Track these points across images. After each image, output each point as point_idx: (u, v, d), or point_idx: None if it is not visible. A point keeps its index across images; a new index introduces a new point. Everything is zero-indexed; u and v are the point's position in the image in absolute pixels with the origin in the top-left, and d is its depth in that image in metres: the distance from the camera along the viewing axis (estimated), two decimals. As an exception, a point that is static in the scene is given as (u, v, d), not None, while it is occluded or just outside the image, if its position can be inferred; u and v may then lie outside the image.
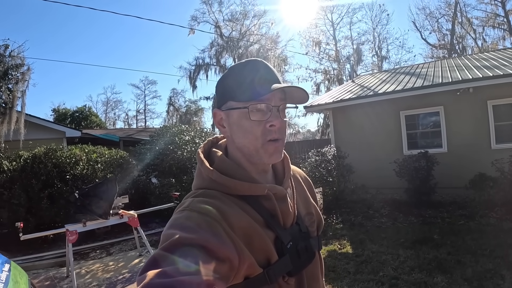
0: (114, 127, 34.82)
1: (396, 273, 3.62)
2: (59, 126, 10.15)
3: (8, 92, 6.51)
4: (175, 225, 0.64)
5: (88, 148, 7.17)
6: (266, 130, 0.72)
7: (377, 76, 10.60)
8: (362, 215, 6.26)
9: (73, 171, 6.35)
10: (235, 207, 0.70)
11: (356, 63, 21.97)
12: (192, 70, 21.47)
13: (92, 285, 4.16)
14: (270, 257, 0.70)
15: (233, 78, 0.75)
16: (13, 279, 1.78)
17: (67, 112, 26.55)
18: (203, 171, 0.76)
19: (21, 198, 5.84)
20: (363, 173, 7.57)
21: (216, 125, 0.80)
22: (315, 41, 23.40)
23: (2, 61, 6.27)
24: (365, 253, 4.34)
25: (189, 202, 0.70)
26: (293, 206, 0.80)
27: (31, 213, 5.89)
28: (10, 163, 6.23)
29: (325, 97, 9.76)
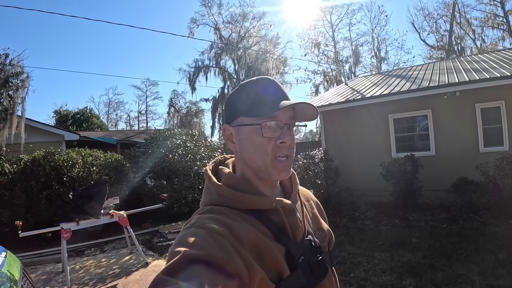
0: (116, 128, 35.18)
1: (366, 275, 3.76)
2: (58, 129, 10.44)
3: (9, 99, 6.80)
4: (182, 242, 0.63)
5: (85, 151, 7.40)
6: (277, 146, 0.73)
7: (370, 79, 10.71)
8: (347, 217, 6.40)
9: (70, 173, 6.60)
10: (243, 222, 0.70)
11: (354, 65, 22.04)
12: (192, 72, 21.62)
13: (85, 279, 4.44)
14: (282, 271, 0.69)
15: (245, 94, 0.77)
16: (7, 263, 2.03)
17: (69, 114, 26.76)
18: (211, 187, 0.77)
19: (21, 198, 6.12)
20: (352, 176, 7.71)
21: (226, 141, 0.80)
22: (314, 42, 23.47)
23: (3, 69, 6.57)
24: (341, 255, 4.48)
25: (196, 219, 0.70)
26: (303, 220, 0.80)
27: (31, 212, 6.16)
28: (11, 166, 6.51)
29: (317, 100, 9.91)
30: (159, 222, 7.09)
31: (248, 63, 20.50)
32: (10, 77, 6.66)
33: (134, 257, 5.26)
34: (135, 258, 5.21)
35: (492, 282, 3.26)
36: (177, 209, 6.92)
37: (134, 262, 5.05)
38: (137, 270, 4.68)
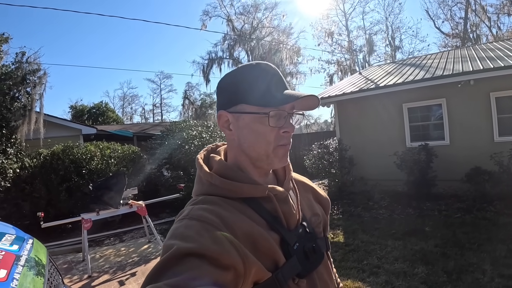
0: (131, 121, 35.49)
1: (379, 262, 3.81)
2: (76, 124, 10.71)
3: (27, 96, 7.02)
4: (175, 235, 0.63)
5: (102, 144, 7.58)
6: (279, 135, 0.73)
7: (384, 68, 10.53)
8: (362, 206, 6.44)
9: (89, 166, 6.79)
10: (236, 212, 0.69)
11: (368, 54, 21.59)
12: (205, 64, 21.65)
13: (105, 267, 4.64)
14: (278, 260, 0.69)
15: (244, 80, 0.73)
16: (35, 249, 2.16)
17: (84, 108, 27.08)
18: (202, 176, 0.76)
19: (42, 191, 6.36)
20: (366, 165, 7.69)
21: (221, 128, 0.77)
22: (327, 32, 23.07)
23: (20, 67, 6.80)
24: (355, 243, 4.56)
25: (189, 210, 0.69)
26: (297, 207, 0.79)
27: (51, 205, 6.39)
28: (31, 160, 6.76)
29: (331, 89, 9.84)
30: (176, 212, 7.18)
31: (261, 54, 20.38)
32: (27, 74, 6.89)
33: (152, 245, 5.44)
34: (154, 246, 5.38)
35: (504, 272, 3.25)
36: None
37: (153, 250, 5.22)
38: (156, 258, 4.84)
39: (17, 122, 6.71)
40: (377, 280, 3.42)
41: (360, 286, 3.36)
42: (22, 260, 1.89)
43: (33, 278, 1.77)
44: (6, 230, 2.31)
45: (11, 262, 1.80)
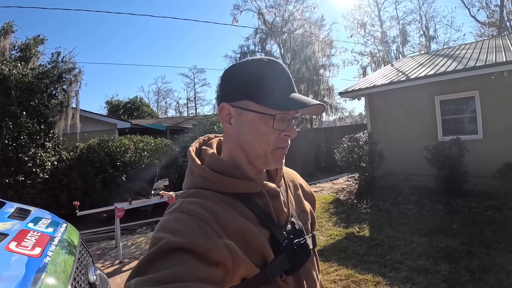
0: (166, 115, 36.34)
1: (402, 258, 3.74)
2: (111, 118, 11.23)
3: (64, 93, 7.51)
4: (164, 228, 0.62)
5: (136, 138, 7.91)
6: (280, 138, 0.72)
7: (416, 59, 10.07)
8: (391, 201, 6.30)
9: (123, 158, 7.14)
10: (227, 207, 0.68)
11: (402, 45, 20.75)
12: (238, 58, 21.75)
13: (136, 254, 4.93)
14: (267, 256, 0.69)
15: (254, 76, 0.71)
16: (68, 231, 2.36)
17: (120, 103, 27.76)
18: (194, 169, 0.74)
19: (78, 182, 6.83)
20: (396, 159, 7.45)
21: (221, 120, 0.75)
22: (360, 23, 22.38)
23: (56, 66, 7.30)
24: (380, 237, 4.50)
25: (180, 203, 0.68)
26: (287, 203, 0.79)
27: (87, 195, 6.82)
28: (68, 153, 7.26)
29: (362, 82, 9.60)
30: None
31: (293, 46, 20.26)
32: (63, 73, 7.38)
33: None
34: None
35: (530, 274, 3.07)
36: None
37: None
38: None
39: (55, 118, 7.19)
40: (397, 276, 3.36)
41: (380, 281, 3.32)
42: (56, 240, 2.09)
43: (64, 256, 1.95)
44: (43, 215, 2.55)
45: (45, 241, 1.99)
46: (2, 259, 1.64)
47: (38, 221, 2.30)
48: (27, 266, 1.64)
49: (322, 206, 6.70)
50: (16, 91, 6.40)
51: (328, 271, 3.73)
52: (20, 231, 2.00)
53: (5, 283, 1.47)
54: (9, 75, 6.39)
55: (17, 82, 6.47)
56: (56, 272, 1.73)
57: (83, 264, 2.17)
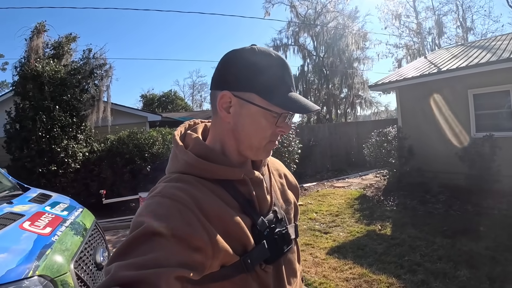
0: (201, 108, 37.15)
1: (421, 260, 3.56)
2: (142, 112, 11.71)
3: (95, 87, 7.96)
4: (146, 212, 0.62)
5: (165, 130, 8.15)
6: (275, 133, 0.73)
7: (451, 51, 9.45)
8: (418, 199, 6.03)
9: (151, 150, 7.36)
10: (209, 193, 0.68)
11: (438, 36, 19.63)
12: None
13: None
14: (247, 244, 0.68)
15: (261, 69, 0.69)
16: (82, 215, 2.51)
17: (154, 97, 28.36)
18: (178, 154, 0.74)
19: (108, 172, 7.17)
20: (425, 155, 7.09)
21: (218, 107, 0.72)
22: (394, 14, 21.44)
23: (88, 63, 7.76)
24: (401, 237, 4.32)
25: (162, 188, 0.68)
26: (270, 192, 0.79)
27: (116, 185, 7.15)
28: (99, 145, 7.64)
29: (393, 75, 9.23)
30: None
31: (326, 39, 19.78)
32: (94, 68, 7.83)
33: None
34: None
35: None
36: None
37: None
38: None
39: (87, 111, 7.64)
40: (413, 279, 3.20)
41: (394, 283, 3.17)
42: (68, 222, 2.21)
43: (72, 236, 2.07)
44: (62, 200, 2.71)
45: (57, 223, 2.12)
46: (14, 235, 1.77)
47: (55, 205, 2.45)
48: (35, 242, 1.76)
49: (347, 202, 6.56)
50: (50, 87, 6.83)
51: (342, 268, 3.65)
52: (36, 212, 2.15)
53: (13, 255, 1.60)
54: (43, 71, 6.81)
55: (50, 78, 6.88)
56: (61, 250, 1.83)
57: (92, 245, 2.28)
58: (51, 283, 1.62)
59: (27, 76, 6.77)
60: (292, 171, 7.91)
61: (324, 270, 3.68)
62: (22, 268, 1.56)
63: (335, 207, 6.22)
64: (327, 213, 5.89)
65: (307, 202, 6.76)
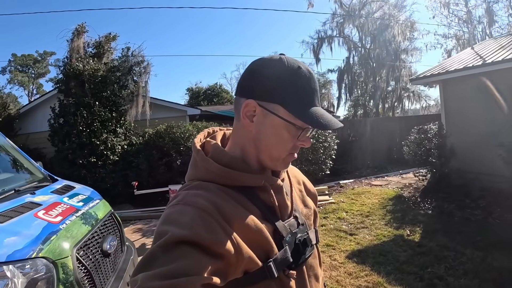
0: None
1: (444, 273, 3.29)
2: (181, 106, 11.98)
3: (134, 83, 8.42)
4: (169, 220, 0.63)
5: (201, 124, 8.40)
6: (296, 146, 0.73)
7: (499, 41, 8.44)
8: (456, 203, 5.58)
9: (186, 144, 7.60)
10: (231, 200, 0.69)
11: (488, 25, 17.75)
12: (315, 44, 21.00)
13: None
14: (269, 250, 0.69)
15: (289, 81, 0.69)
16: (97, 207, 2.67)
17: (200, 90, 28.78)
18: (198, 161, 0.74)
19: (144, 165, 7.57)
20: (467, 155, 6.49)
21: (242, 115, 0.71)
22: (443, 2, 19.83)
23: (126, 60, 8.26)
24: (429, 245, 4.03)
25: (183, 195, 0.68)
26: (290, 198, 0.80)
27: (151, 176, 7.53)
28: (137, 138, 8.08)
29: (436, 68, 8.52)
30: None
31: (371, 30, 18.95)
32: (133, 65, 8.31)
33: None
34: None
35: None
36: None
37: None
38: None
39: (126, 106, 8.13)
40: (429, 294, 2.97)
41: (407, 297, 2.99)
42: (79, 212, 2.39)
43: (81, 225, 2.23)
44: (82, 192, 2.89)
45: (69, 212, 2.31)
46: (28, 222, 1.98)
47: (73, 197, 2.66)
48: (43, 229, 1.95)
49: (381, 202, 6.28)
50: (90, 84, 7.38)
51: (358, 274, 3.51)
52: (53, 203, 2.35)
53: (21, 238, 1.80)
54: (83, 70, 7.35)
55: (90, 76, 7.41)
56: (66, 237, 2.00)
57: (102, 234, 2.44)
58: (52, 264, 1.80)
59: (69, 74, 7.37)
60: (328, 167, 7.85)
61: (339, 274, 3.57)
62: (27, 249, 1.74)
63: (367, 207, 5.99)
64: (357, 213, 5.69)
65: (339, 200, 6.58)
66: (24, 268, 1.69)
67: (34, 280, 1.69)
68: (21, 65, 34.30)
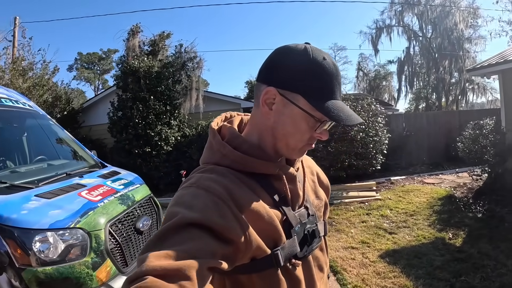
0: None
1: (478, 284, 3.04)
2: (235, 98, 12.29)
3: (187, 78, 8.96)
4: (181, 202, 0.63)
5: (249, 116, 8.83)
6: (313, 137, 0.72)
7: None
8: (510, 207, 5.06)
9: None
10: (244, 186, 0.68)
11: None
12: (374, 34, 20.11)
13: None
14: (278, 238, 0.69)
15: (311, 72, 0.67)
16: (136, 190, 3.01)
17: None
18: (214, 145, 0.74)
19: (196, 155, 8.11)
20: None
21: (262, 101, 0.71)
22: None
23: (180, 56, 8.82)
24: (470, 251, 3.74)
25: (197, 178, 0.68)
26: (303, 188, 0.80)
27: (201, 166, 8.16)
28: (191, 130, 8.67)
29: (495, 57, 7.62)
30: None
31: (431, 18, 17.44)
32: (186, 61, 8.84)
33: None
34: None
35: None
36: (333, 173, 7.14)
37: None
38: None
39: (180, 100, 8.70)
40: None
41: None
42: (118, 194, 2.77)
43: (117, 204, 2.60)
44: (126, 177, 3.29)
45: (109, 193, 2.69)
46: (71, 199, 2.38)
47: (116, 181, 3.06)
48: (83, 205, 2.34)
49: (429, 201, 5.91)
50: (145, 80, 8.03)
51: (386, 275, 3.41)
52: (96, 185, 2.76)
53: (64, 212, 2.19)
54: (139, 67, 8.01)
55: (145, 72, 8.04)
56: (102, 213, 2.37)
57: (137, 214, 2.78)
58: (87, 234, 2.18)
59: (126, 71, 8.09)
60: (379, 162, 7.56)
61: (366, 273, 3.51)
62: (67, 221, 2.14)
63: (413, 206, 5.69)
64: (402, 211, 5.45)
65: (386, 197, 6.34)
66: (63, 235, 2.07)
67: (70, 246, 2.06)
68: (86, 63, 37.80)
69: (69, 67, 37.41)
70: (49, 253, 1.98)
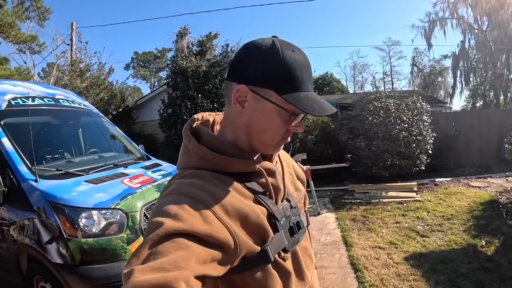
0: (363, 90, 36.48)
1: None
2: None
3: None
4: (163, 211, 0.60)
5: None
6: (289, 131, 0.72)
7: None
8: None
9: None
10: (225, 187, 0.68)
11: None
12: (426, 28, 18.94)
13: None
14: (265, 234, 0.69)
15: (282, 66, 0.66)
16: None
17: None
18: (191, 148, 0.73)
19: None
20: None
21: (233, 100, 0.70)
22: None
23: (226, 56, 9.13)
24: (500, 261, 3.56)
25: (177, 185, 0.67)
26: (283, 181, 0.80)
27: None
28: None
29: None
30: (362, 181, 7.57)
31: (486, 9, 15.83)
32: None
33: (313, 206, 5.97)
34: (313, 208, 5.93)
35: None
36: (375, 172, 7.10)
37: (310, 210, 5.75)
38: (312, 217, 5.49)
39: (226, 98, 9.15)
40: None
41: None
42: (156, 183, 3.22)
43: (153, 192, 3.03)
44: (166, 169, 3.70)
45: (148, 182, 3.15)
46: (115, 185, 2.87)
47: (156, 172, 3.52)
48: (124, 190, 2.82)
49: (470, 205, 5.63)
50: (193, 79, 8.53)
51: (406, 278, 3.40)
52: (138, 174, 3.24)
53: (107, 195, 2.66)
54: (187, 67, 8.51)
55: (193, 72, 8.53)
56: (139, 198, 2.83)
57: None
58: (125, 215, 2.63)
59: (175, 71, 8.65)
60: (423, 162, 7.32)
61: (387, 273, 3.54)
62: (109, 202, 2.62)
63: (452, 210, 5.46)
64: (439, 214, 5.27)
65: (426, 199, 6.12)
66: (105, 214, 2.55)
67: (110, 223, 2.53)
68: (142, 61, 40.38)
69: (126, 66, 40.30)
70: (92, 227, 2.45)
